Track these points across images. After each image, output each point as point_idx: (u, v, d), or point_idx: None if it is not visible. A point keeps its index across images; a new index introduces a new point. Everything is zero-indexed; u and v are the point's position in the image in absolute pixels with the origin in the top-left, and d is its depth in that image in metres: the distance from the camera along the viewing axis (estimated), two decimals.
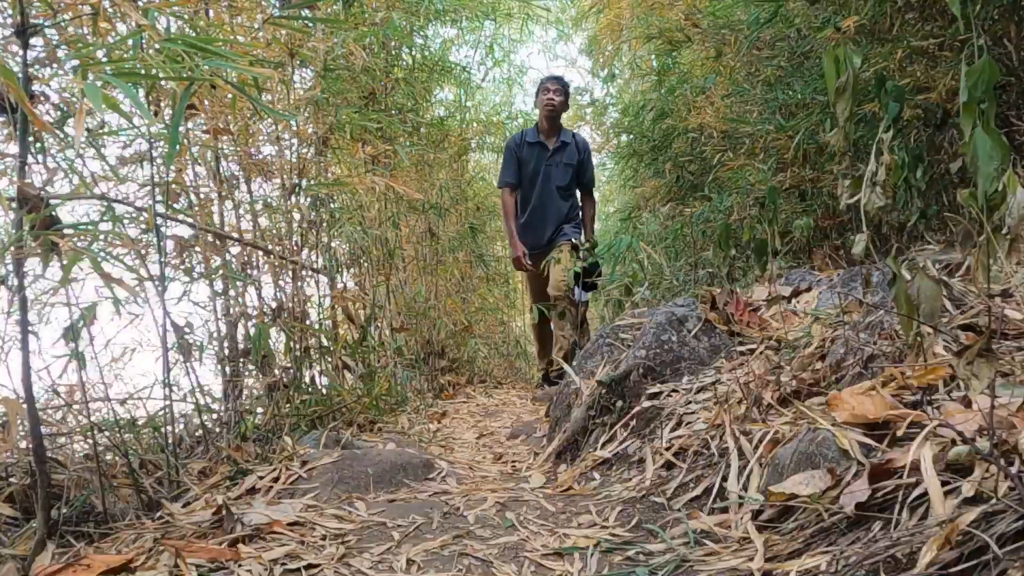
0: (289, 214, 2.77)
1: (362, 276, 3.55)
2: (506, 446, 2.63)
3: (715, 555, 1.20)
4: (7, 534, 1.37)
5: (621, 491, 1.67)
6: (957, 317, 1.52)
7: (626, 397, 2.07)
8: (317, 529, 1.49)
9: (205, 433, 2.05)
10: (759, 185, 3.50)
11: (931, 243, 2.47)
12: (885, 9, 2.62)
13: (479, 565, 1.32)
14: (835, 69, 1.43)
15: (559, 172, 4.29)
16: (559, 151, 4.31)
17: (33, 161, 1.44)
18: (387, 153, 3.72)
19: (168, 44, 1.25)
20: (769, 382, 1.67)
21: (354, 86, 3.30)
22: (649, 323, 2.30)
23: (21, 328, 1.33)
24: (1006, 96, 2.52)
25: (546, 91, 4.26)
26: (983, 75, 1.16)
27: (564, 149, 4.32)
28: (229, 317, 2.42)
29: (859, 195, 1.50)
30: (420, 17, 4.26)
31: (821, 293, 2.28)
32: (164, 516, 1.55)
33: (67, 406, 1.78)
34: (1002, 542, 0.80)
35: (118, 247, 1.70)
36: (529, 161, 4.32)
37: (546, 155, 4.29)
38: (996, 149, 1.14)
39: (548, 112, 4.25)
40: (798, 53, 3.42)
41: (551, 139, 4.32)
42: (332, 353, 2.85)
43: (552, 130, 4.32)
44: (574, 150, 4.35)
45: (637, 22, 4.79)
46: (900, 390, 1.33)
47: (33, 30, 1.35)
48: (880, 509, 1.06)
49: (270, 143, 2.73)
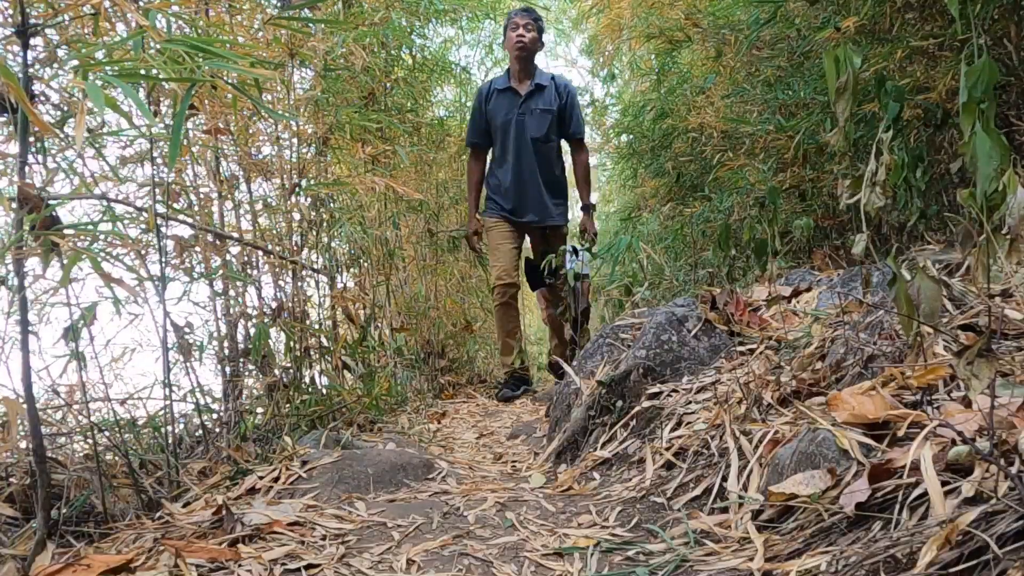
0: (289, 214, 2.77)
1: (362, 276, 3.55)
2: (506, 446, 2.63)
3: (715, 555, 1.20)
4: (7, 534, 1.37)
5: (621, 491, 1.68)
6: (957, 317, 1.52)
7: (626, 397, 2.07)
8: (317, 529, 1.49)
9: (205, 433, 2.06)
10: (759, 185, 3.50)
11: (931, 243, 2.47)
12: (885, 9, 2.62)
13: (479, 565, 1.32)
14: (835, 69, 1.43)
15: (534, 121, 3.68)
16: (534, 96, 3.70)
17: (33, 161, 1.44)
18: (387, 153, 3.72)
19: (169, 45, 1.25)
20: (769, 382, 1.67)
21: (354, 86, 3.30)
22: (649, 323, 2.30)
23: (21, 328, 1.33)
24: (1006, 96, 2.52)
25: (514, 27, 3.65)
26: (983, 75, 1.16)
27: (540, 93, 3.71)
28: (229, 317, 2.42)
29: (859, 195, 1.50)
30: (420, 17, 4.26)
31: (821, 293, 2.28)
32: (164, 516, 1.55)
33: (67, 406, 1.78)
34: (1002, 542, 0.80)
35: (118, 247, 1.70)
36: (498, 113, 3.72)
37: (518, 102, 3.69)
38: (996, 149, 1.14)
39: (518, 52, 3.65)
40: (798, 53, 3.42)
41: (524, 83, 3.72)
42: (332, 353, 2.85)
43: (525, 72, 3.70)
44: (553, 94, 3.73)
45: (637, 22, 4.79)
46: (900, 390, 1.33)
47: (34, 30, 1.35)
48: (880, 509, 1.06)
49: (270, 143, 2.74)
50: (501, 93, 3.73)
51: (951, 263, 1.96)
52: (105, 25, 1.56)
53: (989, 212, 1.18)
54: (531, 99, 3.69)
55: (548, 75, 3.78)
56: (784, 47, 3.56)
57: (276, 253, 2.56)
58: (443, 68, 5.04)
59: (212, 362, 2.34)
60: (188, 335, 1.97)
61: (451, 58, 5.44)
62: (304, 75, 2.97)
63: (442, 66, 5.02)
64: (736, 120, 3.74)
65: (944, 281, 1.62)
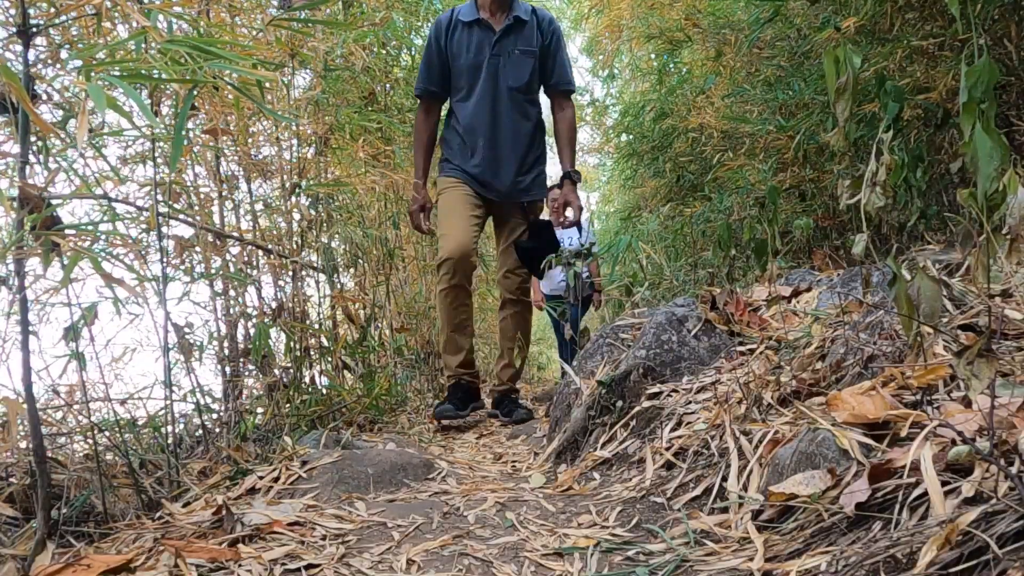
0: (289, 214, 2.77)
1: (362, 276, 3.56)
2: (506, 446, 2.63)
3: (715, 555, 1.20)
4: (7, 534, 1.37)
5: (621, 491, 1.68)
6: (957, 317, 1.52)
7: (626, 397, 2.07)
8: (317, 529, 1.49)
9: (205, 433, 2.06)
10: (759, 185, 3.50)
11: (931, 243, 2.47)
12: (885, 9, 2.63)
13: (479, 565, 1.32)
14: (835, 69, 1.43)
15: (513, 66, 2.82)
16: (511, 34, 2.83)
17: (35, 161, 1.44)
18: (387, 153, 3.73)
19: (170, 46, 1.25)
20: (769, 382, 1.67)
21: (354, 86, 3.30)
22: (649, 323, 2.30)
23: (22, 328, 1.33)
24: (1006, 96, 2.52)
25: None
26: (983, 75, 1.17)
27: (520, 29, 2.83)
28: (229, 317, 2.42)
29: (859, 195, 1.50)
30: (420, 17, 4.27)
31: (821, 293, 2.28)
32: (164, 516, 1.55)
33: (67, 406, 1.78)
34: (1002, 542, 0.80)
35: (119, 247, 1.70)
36: (462, 52, 2.84)
37: (490, 39, 2.81)
38: (996, 149, 1.14)
39: None
40: (798, 53, 3.42)
41: (497, 16, 2.83)
42: (332, 353, 2.85)
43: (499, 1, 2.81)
44: (534, 31, 2.85)
45: (637, 22, 4.80)
46: (900, 390, 1.33)
47: (35, 30, 1.35)
48: (880, 509, 1.06)
49: (270, 143, 2.74)
50: (467, 27, 2.82)
51: (951, 263, 1.96)
52: (107, 25, 1.56)
53: (989, 212, 1.18)
54: (508, 37, 2.80)
55: (527, 5, 2.90)
56: (784, 47, 3.56)
57: (276, 252, 2.56)
58: None
59: (212, 362, 2.34)
60: (188, 335, 1.97)
61: None
62: (305, 75, 2.98)
63: None
64: (736, 120, 3.75)
65: (944, 281, 1.62)
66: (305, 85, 2.97)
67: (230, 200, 2.56)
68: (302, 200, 2.80)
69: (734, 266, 3.53)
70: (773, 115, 3.45)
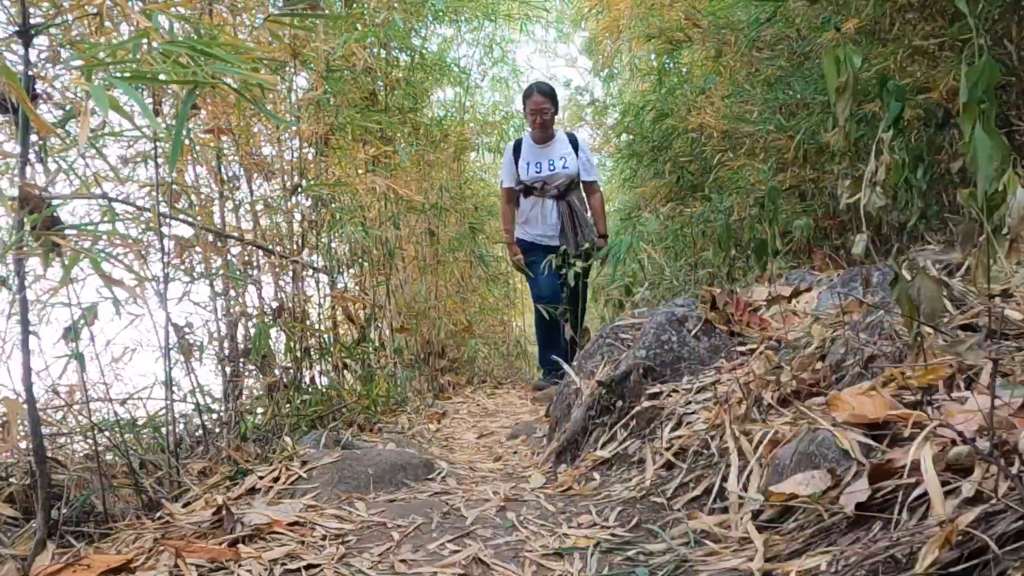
0: (290, 214, 2.77)
1: (362, 276, 3.56)
2: (506, 446, 2.63)
3: (715, 555, 1.20)
4: (7, 534, 1.37)
5: (621, 491, 1.68)
6: (957, 317, 1.52)
7: (626, 397, 2.07)
8: (317, 529, 1.49)
9: (205, 433, 2.06)
10: (759, 185, 3.50)
11: (931, 243, 2.47)
12: (886, 9, 2.63)
13: (479, 565, 1.32)
14: (835, 69, 1.43)
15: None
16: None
17: (35, 161, 1.44)
18: (387, 153, 3.72)
19: (170, 47, 1.25)
20: (769, 382, 1.67)
21: (355, 87, 3.30)
22: (649, 323, 2.30)
23: (22, 328, 1.33)
24: (1006, 96, 2.52)
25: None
26: (983, 75, 1.17)
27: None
28: (229, 317, 2.42)
29: (859, 195, 1.50)
30: (420, 18, 4.26)
31: (821, 293, 2.28)
32: (164, 516, 1.55)
33: (67, 406, 1.78)
34: (1002, 542, 0.80)
35: (119, 247, 1.70)
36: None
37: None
38: (996, 149, 1.14)
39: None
40: (798, 53, 3.42)
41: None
42: (332, 353, 2.85)
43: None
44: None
45: (637, 22, 4.79)
46: (900, 390, 1.33)
47: (36, 30, 1.35)
48: (880, 509, 1.06)
49: (271, 143, 2.74)
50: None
51: (951, 263, 1.96)
52: (107, 25, 1.56)
53: (989, 212, 1.18)
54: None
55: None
56: (784, 47, 3.56)
57: (277, 252, 2.56)
58: (442, 68, 5.04)
59: (212, 362, 2.34)
60: (188, 335, 1.97)
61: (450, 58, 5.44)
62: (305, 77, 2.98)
63: (440, 66, 5.02)
64: (736, 120, 3.74)
65: (944, 281, 1.62)
66: (306, 86, 2.97)
67: (230, 200, 2.56)
68: (303, 200, 2.80)
69: (734, 266, 3.53)
70: (773, 115, 3.45)
